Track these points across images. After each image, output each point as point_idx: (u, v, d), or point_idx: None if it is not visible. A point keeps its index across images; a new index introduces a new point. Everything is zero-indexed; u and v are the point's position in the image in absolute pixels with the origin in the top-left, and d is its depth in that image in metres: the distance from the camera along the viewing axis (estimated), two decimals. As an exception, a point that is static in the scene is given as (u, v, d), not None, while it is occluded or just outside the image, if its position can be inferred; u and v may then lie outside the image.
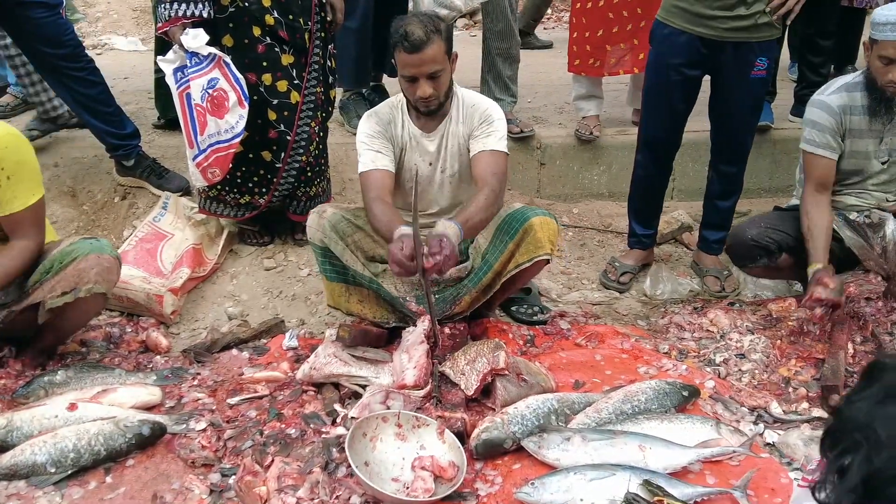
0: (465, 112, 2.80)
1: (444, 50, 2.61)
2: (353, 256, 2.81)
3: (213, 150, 3.10)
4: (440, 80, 2.64)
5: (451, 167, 2.84)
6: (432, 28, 2.56)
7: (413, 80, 2.62)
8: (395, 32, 2.57)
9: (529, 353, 2.86)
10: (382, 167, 2.76)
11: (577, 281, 3.67)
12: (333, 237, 2.78)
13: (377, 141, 2.78)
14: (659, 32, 3.20)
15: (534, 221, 2.73)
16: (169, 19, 2.97)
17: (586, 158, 4.35)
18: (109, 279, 2.64)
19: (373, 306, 2.91)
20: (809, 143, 3.05)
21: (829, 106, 3.00)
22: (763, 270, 3.25)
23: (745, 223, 3.23)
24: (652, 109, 3.34)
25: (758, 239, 3.09)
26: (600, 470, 2.07)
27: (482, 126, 2.76)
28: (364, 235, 2.85)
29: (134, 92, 4.82)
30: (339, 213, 2.83)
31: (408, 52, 2.55)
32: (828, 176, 3.06)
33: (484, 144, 2.74)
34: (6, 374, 2.65)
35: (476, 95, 2.87)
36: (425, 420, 2.29)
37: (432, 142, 2.82)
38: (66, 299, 2.55)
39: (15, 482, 2.14)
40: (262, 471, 2.14)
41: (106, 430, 2.24)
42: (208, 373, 2.75)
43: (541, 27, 7.02)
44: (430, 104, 2.68)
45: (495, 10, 3.99)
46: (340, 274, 2.87)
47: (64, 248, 2.60)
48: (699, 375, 2.70)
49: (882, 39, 2.78)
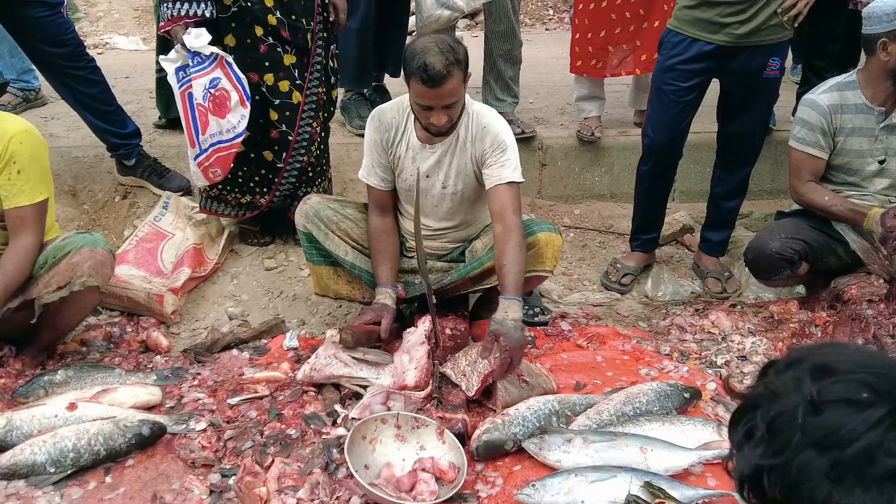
0: (474, 132, 2.68)
1: (462, 79, 2.49)
2: (335, 241, 2.84)
3: (215, 150, 3.09)
4: (455, 107, 2.55)
5: (455, 186, 2.76)
6: (452, 59, 2.42)
7: (427, 108, 2.52)
8: (412, 61, 2.43)
9: (530, 355, 2.85)
10: (374, 185, 2.81)
11: (578, 282, 3.66)
12: (316, 222, 2.82)
13: (374, 154, 2.77)
14: (669, 41, 3.19)
15: (540, 237, 2.72)
16: (171, 18, 2.96)
17: (588, 159, 4.35)
18: (103, 272, 2.64)
19: (362, 287, 2.94)
20: (800, 141, 3.09)
21: (819, 105, 3.04)
22: (783, 282, 3.25)
23: (764, 235, 3.19)
24: (659, 117, 3.31)
25: (782, 251, 3.07)
26: (601, 472, 2.06)
27: (496, 154, 2.65)
28: (352, 223, 2.86)
29: (135, 91, 4.82)
30: (325, 203, 2.86)
31: (427, 86, 2.43)
32: (817, 173, 3.11)
33: (500, 177, 2.62)
34: (6, 374, 2.64)
35: (486, 114, 2.73)
36: (424, 421, 2.28)
37: (433, 154, 2.72)
38: (62, 294, 2.55)
39: (14, 482, 2.13)
40: (263, 471, 2.13)
41: (106, 430, 2.23)
42: (208, 373, 2.74)
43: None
44: (442, 129, 2.59)
45: (497, 12, 3.99)
46: (326, 257, 2.90)
47: (57, 243, 2.61)
48: (700, 377, 2.70)
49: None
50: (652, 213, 3.59)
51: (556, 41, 6.48)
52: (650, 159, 3.41)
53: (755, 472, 1.00)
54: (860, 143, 3.04)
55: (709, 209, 3.62)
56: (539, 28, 7.74)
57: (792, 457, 0.96)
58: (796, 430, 0.97)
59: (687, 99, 3.22)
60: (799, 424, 0.97)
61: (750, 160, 3.45)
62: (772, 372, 1.07)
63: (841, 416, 0.95)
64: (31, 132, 2.57)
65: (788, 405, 0.99)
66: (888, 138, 3.03)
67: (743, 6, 2.98)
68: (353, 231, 2.87)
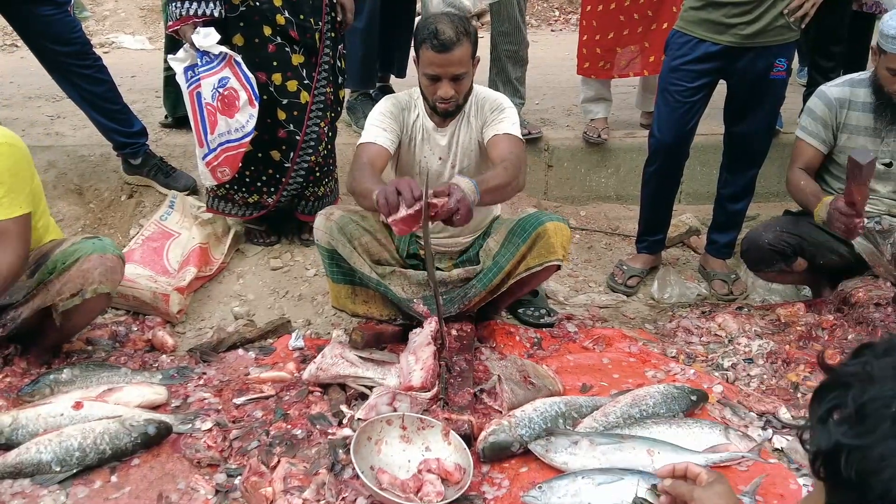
0: (476, 106, 2.79)
1: (471, 53, 2.58)
2: (360, 259, 2.78)
3: (224, 149, 3.10)
4: (462, 82, 2.62)
5: (462, 162, 2.82)
6: (462, 29, 2.54)
7: (435, 78, 2.59)
8: (424, 29, 2.54)
9: (536, 356, 2.85)
10: (381, 144, 2.70)
11: (584, 284, 3.65)
12: (341, 239, 2.76)
13: (387, 120, 2.75)
14: (675, 41, 3.19)
15: (548, 226, 2.72)
16: (180, 18, 2.97)
17: (594, 161, 4.34)
18: (114, 279, 2.63)
19: (379, 306, 2.91)
20: (803, 129, 3.14)
21: (827, 97, 3.06)
22: (777, 275, 3.26)
23: (760, 228, 3.22)
24: (665, 118, 3.30)
25: (774, 243, 3.08)
26: (608, 474, 2.06)
27: (494, 114, 2.74)
28: (371, 238, 2.83)
29: (141, 90, 4.82)
30: (348, 216, 2.81)
31: (436, 51, 2.52)
32: (814, 164, 3.14)
33: (497, 129, 2.71)
34: (12, 373, 2.63)
35: (487, 91, 2.86)
36: (430, 422, 2.27)
37: (444, 136, 2.80)
38: (75, 301, 2.54)
39: (20, 480, 2.13)
40: (268, 471, 2.12)
41: (111, 429, 2.23)
42: (214, 372, 2.73)
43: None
44: (448, 105, 2.65)
45: (503, 12, 3.99)
46: (347, 276, 2.85)
47: (66, 249, 2.58)
48: (707, 380, 2.69)
49: (890, 52, 2.80)
50: (658, 214, 3.58)
51: (562, 42, 6.48)
52: (656, 160, 3.40)
53: (834, 449, 0.99)
54: (864, 142, 3.03)
55: (715, 211, 3.61)
56: (545, 29, 7.73)
57: (877, 443, 0.95)
58: (887, 418, 0.96)
59: (693, 99, 3.21)
60: (891, 413, 0.96)
61: (756, 162, 3.44)
62: (869, 354, 1.05)
63: None
64: (12, 144, 2.45)
65: (884, 391, 0.98)
66: (895, 142, 3.01)
67: (749, 7, 2.98)
68: (371, 246, 2.83)
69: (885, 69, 2.85)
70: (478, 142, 2.79)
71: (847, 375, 1.04)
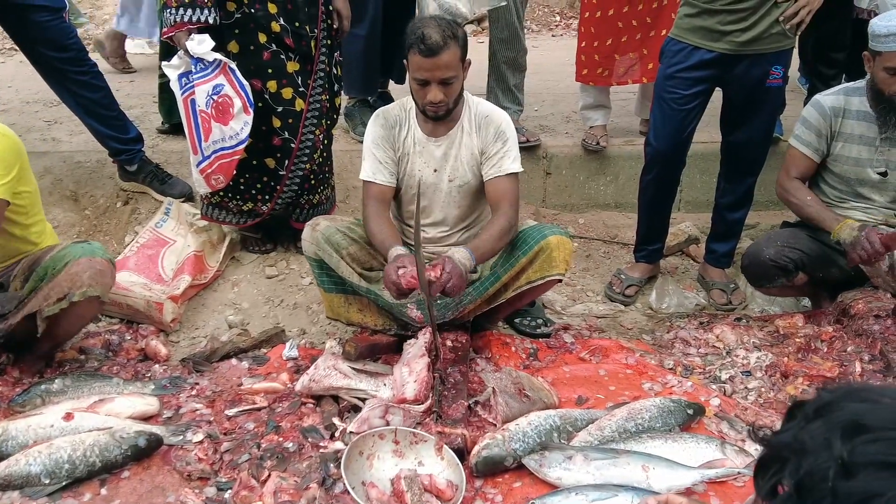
0: (477, 123, 2.76)
1: (459, 57, 2.58)
2: (348, 268, 2.77)
3: (218, 157, 3.08)
4: (452, 86, 2.61)
5: (462, 177, 2.80)
6: (450, 33, 2.53)
7: (424, 83, 2.59)
8: (412, 34, 2.54)
9: (532, 367, 2.82)
10: (382, 182, 2.76)
11: (581, 293, 3.63)
12: (328, 249, 2.76)
13: (380, 150, 2.76)
14: (670, 49, 3.17)
15: (551, 240, 2.70)
16: (174, 24, 2.95)
17: (593, 168, 4.32)
18: (103, 282, 2.61)
19: (374, 315, 2.89)
20: (797, 138, 3.14)
21: (821, 106, 3.06)
22: (779, 290, 3.23)
23: (760, 242, 3.18)
24: (661, 126, 3.28)
25: (776, 259, 3.05)
26: (602, 490, 2.03)
27: (497, 144, 2.73)
28: (359, 247, 2.82)
29: (140, 95, 4.81)
30: (333, 227, 2.80)
31: (423, 56, 2.51)
32: (807, 173, 3.16)
33: (499, 168, 2.72)
34: (3, 382, 2.63)
35: (487, 105, 2.84)
36: (423, 436, 2.25)
37: (439, 147, 2.78)
38: (62, 305, 2.52)
39: (9, 493, 2.11)
40: (259, 485, 2.10)
41: (102, 441, 2.21)
42: (207, 383, 2.71)
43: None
44: (438, 110, 2.64)
45: (502, 19, 3.97)
46: (338, 285, 2.85)
47: (55, 254, 2.57)
48: (704, 392, 2.66)
49: (886, 51, 2.77)
50: (656, 223, 3.56)
51: (563, 48, 6.44)
52: (653, 168, 3.38)
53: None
54: (859, 150, 3.02)
55: (714, 220, 3.59)
56: (546, 34, 7.71)
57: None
58: (826, 493, 0.91)
59: (689, 107, 3.19)
60: (829, 488, 0.91)
61: (754, 170, 3.41)
62: (800, 416, 1.01)
63: (875, 482, 0.89)
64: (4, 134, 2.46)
65: (818, 464, 0.93)
66: (889, 150, 2.99)
67: (744, 14, 2.96)
68: (360, 254, 2.82)
69: (883, 70, 2.82)
70: (478, 161, 2.77)
71: (781, 447, 1.00)
